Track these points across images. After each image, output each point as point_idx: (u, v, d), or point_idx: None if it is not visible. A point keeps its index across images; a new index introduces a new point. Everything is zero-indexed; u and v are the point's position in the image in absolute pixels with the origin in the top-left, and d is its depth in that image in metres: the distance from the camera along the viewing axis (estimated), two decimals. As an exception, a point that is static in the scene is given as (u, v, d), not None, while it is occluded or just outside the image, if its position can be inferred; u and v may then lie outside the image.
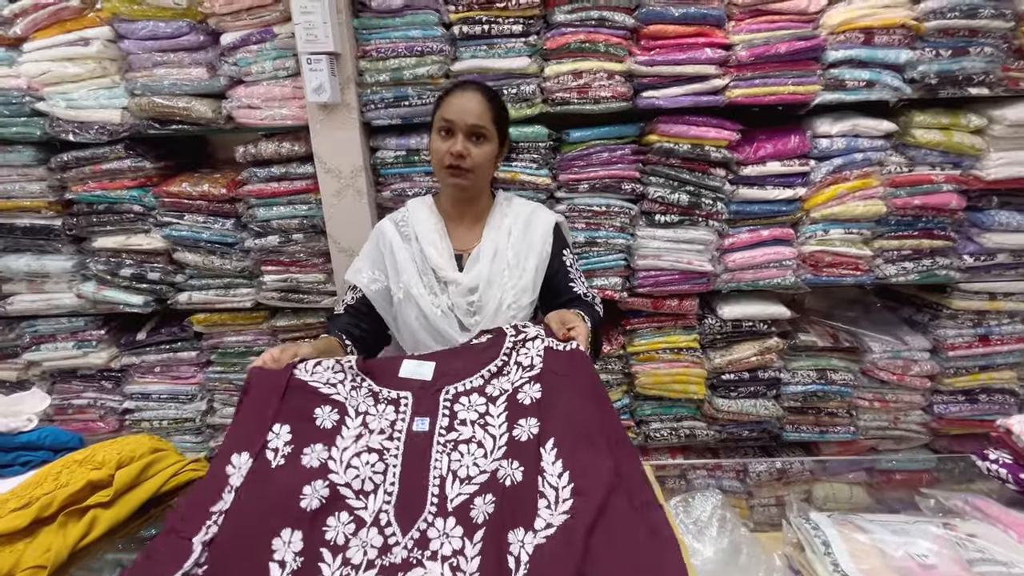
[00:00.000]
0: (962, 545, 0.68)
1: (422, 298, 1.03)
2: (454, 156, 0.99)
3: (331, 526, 0.65)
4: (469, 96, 1.00)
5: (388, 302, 1.08)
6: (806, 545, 0.72)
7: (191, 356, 1.78)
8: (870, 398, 1.76)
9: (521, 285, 1.05)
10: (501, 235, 1.07)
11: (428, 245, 1.06)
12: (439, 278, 1.04)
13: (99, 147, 1.56)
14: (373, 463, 0.71)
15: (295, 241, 1.62)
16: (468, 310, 1.04)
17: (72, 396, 1.81)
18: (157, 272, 1.67)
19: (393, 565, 0.63)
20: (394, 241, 1.08)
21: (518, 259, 1.06)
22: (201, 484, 0.69)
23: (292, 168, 1.57)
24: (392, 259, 1.07)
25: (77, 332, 1.76)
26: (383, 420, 0.76)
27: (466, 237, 1.09)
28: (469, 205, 1.10)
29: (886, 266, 1.63)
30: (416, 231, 1.08)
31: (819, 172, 1.53)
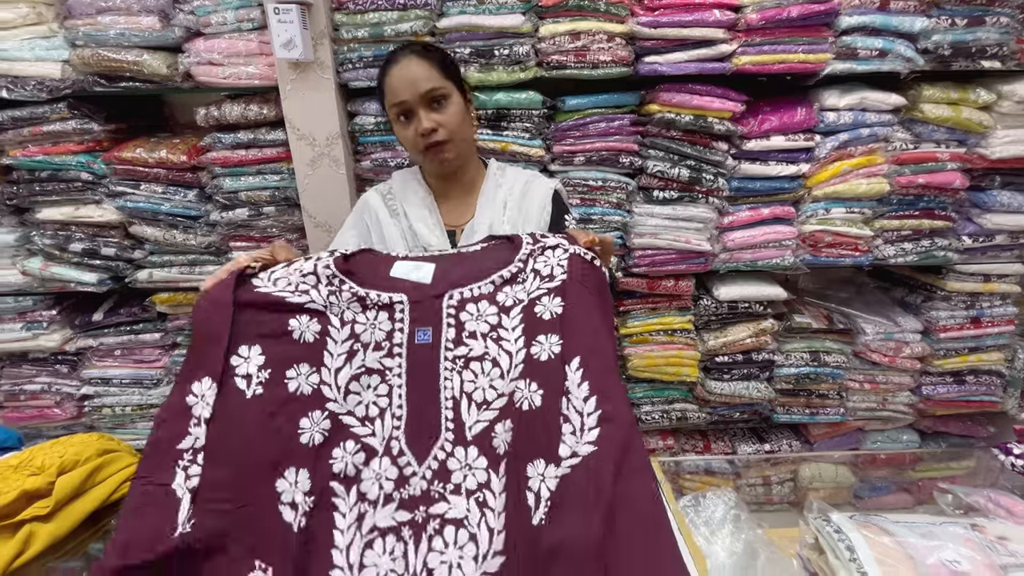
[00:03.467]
0: (993, 549, 0.64)
1: None
2: (426, 135, 0.90)
3: (338, 457, 0.60)
4: (405, 64, 0.89)
5: None
6: (827, 549, 0.67)
7: (155, 338, 1.65)
8: (861, 380, 1.75)
9: None
10: (496, 208, 0.99)
11: (417, 221, 0.98)
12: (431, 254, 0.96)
13: (38, 106, 1.39)
14: (375, 385, 0.63)
15: (266, 215, 1.49)
16: None
17: (24, 381, 1.67)
18: (112, 247, 1.52)
19: (413, 498, 0.58)
20: (381, 214, 1.00)
21: (515, 231, 0.96)
22: (158, 420, 0.58)
23: (261, 134, 1.42)
24: (380, 234, 0.99)
25: (25, 312, 1.61)
26: (376, 331, 0.65)
27: (457, 211, 1.01)
28: (458, 177, 1.01)
29: (885, 247, 1.59)
30: (404, 207, 1.00)
31: (824, 147, 1.46)
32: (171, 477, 0.55)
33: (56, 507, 0.67)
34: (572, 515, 0.52)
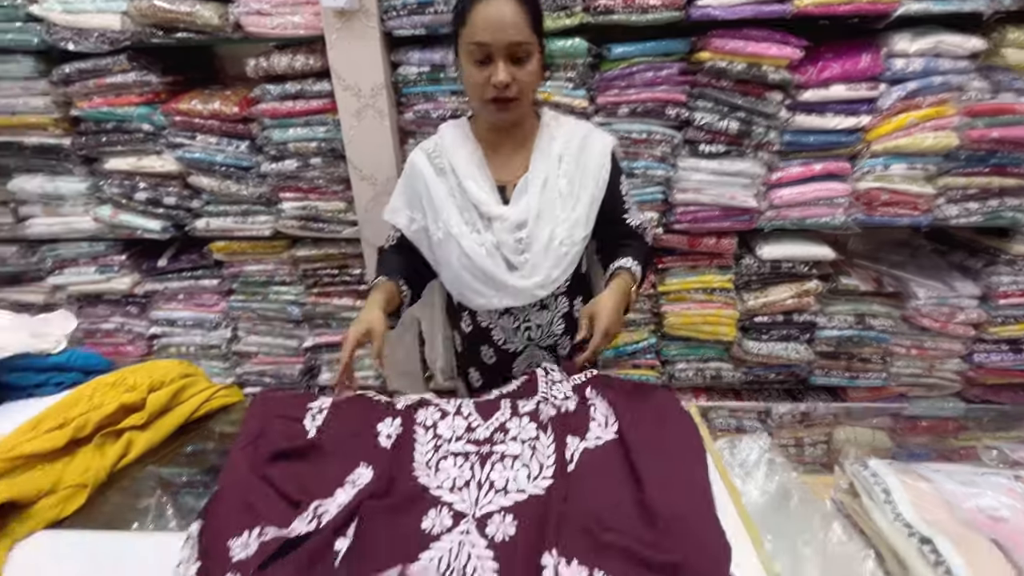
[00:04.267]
0: (1036, 499, 0.64)
1: (464, 237, 0.93)
2: (499, 88, 0.84)
3: (420, 415, 0.76)
4: (498, 5, 0.81)
5: (428, 242, 0.99)
6: (862, 492, 0.69)
7: (213, 284, 1.77)
8: (908, 345, 1.70)
9: (574, 218, 0.94)
10: (551, 162, 0.95)
11: (466, 178, 0.94)
12: (482, 214, 0.93)
13: (101, 58, 1.45)
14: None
15: (313, 166, 1.53)
16: (516, 247, 0.94)
17: (100, 321, 1.83)
18: (173, 196, 1.61)
19: (478, 440, 0.71)
20: (428, 175, 0.96)
21: (572, 188, 0.95)
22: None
23: (308, 85, 1.45)
24: (428, 196, 0.96)
25: (98, 257, 1.74)
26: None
27: (509, 166, 0.97)
28: (512, 130, 0.96)
29: (947, 206, 1.50)
30: (451, 162, 0.96)
31: (889, 97, 1.37)
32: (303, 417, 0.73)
33: (149, 419, 0.75)
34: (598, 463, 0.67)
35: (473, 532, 0.57)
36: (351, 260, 1.70)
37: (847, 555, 0.60)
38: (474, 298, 0.97)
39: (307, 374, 1.89)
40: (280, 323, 1.82)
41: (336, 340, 1.81)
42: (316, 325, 1.81)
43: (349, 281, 1.73)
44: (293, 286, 1.76)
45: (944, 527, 0.60)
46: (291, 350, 1.85)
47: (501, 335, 1.01)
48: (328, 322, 1.80)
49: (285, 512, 0.59)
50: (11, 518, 0.61)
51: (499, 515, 0.58)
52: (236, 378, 1.90)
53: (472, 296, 0.97)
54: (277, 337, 1.84)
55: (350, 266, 1.71)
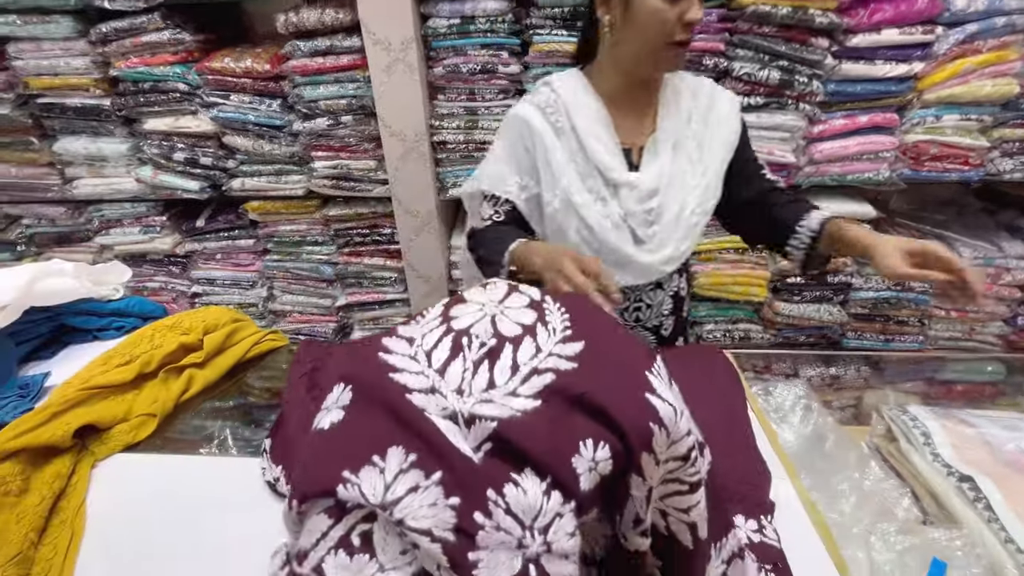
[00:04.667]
0: (1083, 443, 0.63)
1: (587, 207, 0.82)
2: (687, 27, 0.73)
3: None
4: None
5: (539, 213, 0.87)
6: (901, 436, 0.69)
7: (249, 244, 1.82)
8: (947, 307, 1.65)
9: (704, 184, 0.84)
10: (680, 121, 0.84)
11: (591, 138, 0.82)
12: (607, 180, 0.82)
13: (136, 16, 1.46)
14: None
15: (344, 124, 1.54)
16: (645, 219, 0.83)
17: (146, 279, 1.91)
18: (209, 157, 1.64)
19: None
20: (546, 136, 0.83)
21: (701, 151, 0.85)
22: None
23: (338, 40, 1.44)
24: (545, 158, 0.83)
25: (141, 217, 1.80)
26: None
27: (631, 127, 0.85)
28: (639, 86, 0.83)
29: (1002, 160, 1.43)
30: (573, 120, 0.83)
31: (945, 42, 1.29)
32: None
33: (207, 358, 0.80)
34: None
35: None
36: (381, 220, 1.72)
37: (882, 492, 0.60)
38: None
39: (340, 332, 1.95)
40: (313, 282, 1.87)
41: (367, 299, 1.86)
42: (348, 284, 1.86)
43: (380, 240, 1.76)
44: (325, 246, 1.80)
45: (984, 467, 0.60)
46: (324, 309, 1.91)
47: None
48: (360, 281, 1.84)
49: None
50: (92, 440, 0.67)
51: None
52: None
53: None
54: (311, 296, 1.89)
55: (380, 226, 1.74)
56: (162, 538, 0.56)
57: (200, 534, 0.56)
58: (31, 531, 0.54)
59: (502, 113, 1.50)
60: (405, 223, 1.65)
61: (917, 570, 0.51)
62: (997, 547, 0.53)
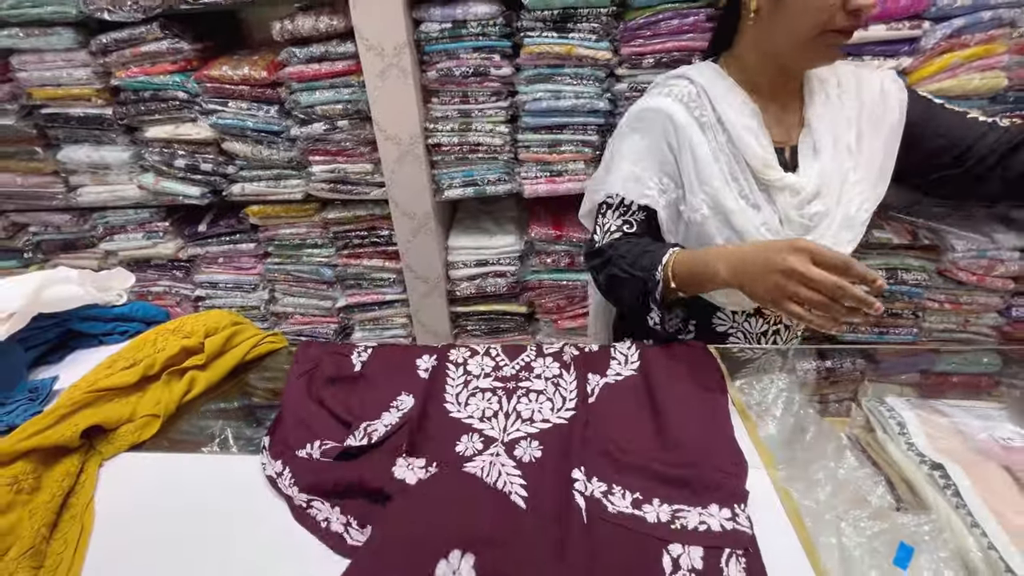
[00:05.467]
0: (1053, 431, 0.65)
1: (740, 214, 0.72)
2: (858, 15, 0.64)
3: (452, 352, 0.79)
4: None
5: (677, 220, 0.78)
6: (877, 426, 0.71)
7: (250, 248, 1.85)
8: (942, 299, 1.67)
9: (873, 177, 0.75)
10: (832, 109, 0.75)
11: (744, 131, 0.73)
12: (762, 183, 0.74)
13: (135, 27, 1.49)
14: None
15: (340, 128, 1.57)
16: (803, 225, 0.74)
17: (149, 284, 1.95)
18: (209, 163, 1.68)
19: (505, 377, 0.75)
20: (693, 132, 0.74)
21: (860, 141, 0.75)
22: None
23: (332, 47, 1.47)
24: (691, 156, 0.74)
25: (144, 223, 1.84)
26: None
27: (782, 123, 0.76)
28: (794, 77, 0.76)
29: (992, 153, 1.43)
30: (722, 113, 0.74)
31: (933, 36, 1.30)
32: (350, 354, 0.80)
33: (208, 360, 0.83)
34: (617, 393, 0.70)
35: (503, 454, 0.62)
36: (379, 222, 1.75)
37: (857, 480, 0.62)
38: (729, 293, 0.76)
39: (342, 333, 1.98)
40: (314, 284, 1.90)
41: (367, 300, 1.89)
42: (348, 286, 1.89)
43: (378, 242, 1.79)
44: (324, 248, 1.83)
45: (956, 455, 0.62)
46: (325, 310, 1.94)
47: (743, 342, 0.84)
48: (359, 283, 1.87)
49: (338, 430, 0.66)
50: (99, 440, 0.70)
51: (525, 440, 0.64)
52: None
53: (726, 291, 0.76)
54: (312, 298, 1.93)
55: (378, 228, 1.76)
56: (167, 531, 0.59)
57: (203, 527, 0.59)
58: (43, 526, 0.57)
59: (495, 115, 1.52)
60: (402, 225, 1.68)
61: (886, 554, 0.53)
62: (963, 532, 0.55)
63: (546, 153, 1.55)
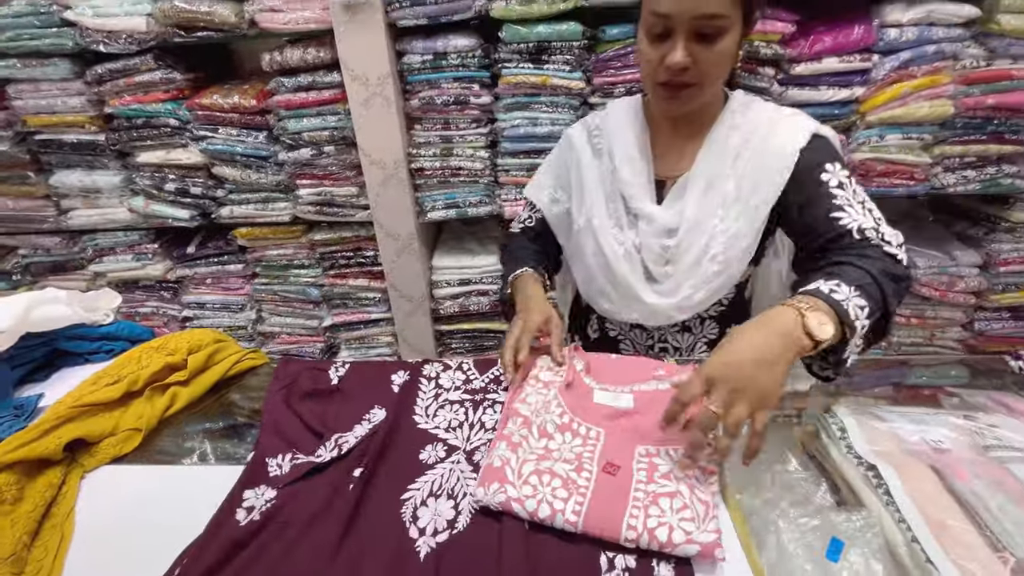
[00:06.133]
0: (979, 433, 0.70)
1: (603, 231, 0.80)
2: (672, 71, 0.68)
3: (426, 367, 0.83)
4: None
5: (567, 227, 0.88)
6: (822, 431, 0.76)
7: (238, 269, 1.89)
8: (907, 315, 1.73)
9: (735, 229, 0.75)
10: (723, 159, 0.76)
11: (623, 163, 0.80)
12: (629, 208, 0.80)
13: (130, 58, 1.56)
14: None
15: (327, 154, 1.63)
16: (660, 255, 0.79)
17: (138, 305, 1.97)
18: (199, 187, 1.73)
19: (473, 391, 0.79)
20: (583, 154, 0.83)
21: (740, 192, 0.76)
22: None
23: (319, 76, 1.54)
24: (578, 176, 0.83)
25: (134, 245, 1.88)
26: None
27: (673, 158, 0.81)
28: (690, 117, 0.79)
29: (945, 175, 1.52)
30: (612, 144, 0.82)
31: (882, 68, 1.39)
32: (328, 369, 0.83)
33: (190, 376, 0.86)
34: None
35: (463, 461, 0.66)
36: (364, 243, 1.80)
37: (800, 482, 0.67)
38: (601, 302, 0.86)
39: (328, 351, 2.01)
40: (300, 304, 1.93)
41: (353, 319, 1.92)
42: (334, 305, 1.93)
43: (363, 262, 1.83)
44: (311, 268, 1.87)
45: (890, 457, 0.67)
46: (311, 330, 1.97)
47: (631, 350, 0.91)
48: (345, 302, 1.91)
49: (312, 441, 0.70)
50: (81, 453, 0.73)
51: (485, 447, 0.67)
52: (262, 356, 2.03)
53: (599, 299, 0.86)
54: (298, 318, 1.96)
55: (364, 248, 1.81)
56: (145, 541, 0.62)
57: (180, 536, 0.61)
58: (24, 534, 0.59)
59: (476, 140, 1.59)
60: (387, 246, 1.73)
61: (820, 548, 0.57)
62: (892, 527, 0.59)
63: (524, 176, 1.62)
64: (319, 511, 0.59)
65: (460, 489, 0.61)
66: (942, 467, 0.65)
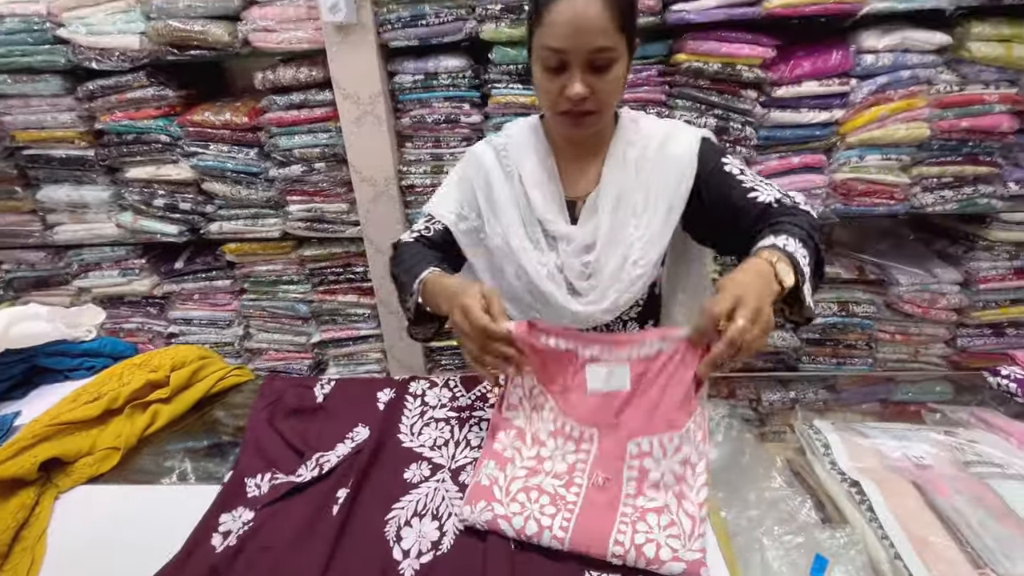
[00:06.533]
0: (960, 449, 0.71)
1: (525, 253, 0.82)
2: (573, 102, 0.72)
3: (412, 384, 0.84)
4: (583, 5, 0.67)
5: (477, 244, 0.89)
6: (807, 448, 0.77)
7: (226, 284, 1.88)
8: (892, 331, 1.76)
9: (649, 235, 0.81)
10: (626, 174, 0.81)
11: (533, 188, 0.83)
12: (546, 231, 0.83)
13: (122, 75, 1.57)
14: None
15: (317, 170, 1.64)
16: (582, 272, 0.83)
17: (122, 320, 1.95)
18: (188, 202, 1.72)
19: (459, 408, 0.79)
20: (494, 175, 0.85)
21: (648, 200, 0.81)
22: None
23: (311, 95, 1.55)
24: (489, 197, 0.85)
25: (120, 260, 1.86)
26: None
27: (580, 178, 0.85)
28: (588, 136, 0.82)
29: (923, 194, 1.56)
30: (519, 168, 0.84)
31: (860, 92, 1.44)
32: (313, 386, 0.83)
33: (172, 394, 0.85)
34: None
35: (448, 480, 0.65)
36: (354, 259, 1.80)
37: (787, 499, 0.67)
38: (530, 314, 0.87)
39: (316, 368, 1.99)
40: (289, 320, 1.92)
41: (341, 336, 1.91)
42: (323, 321, 1.91)
43: (353, 279, 1.83)
44: (300, 284, 1.86)
45: (872, 473, 0.67)
46: (299, 346, 1.95)
47: None
48: (334, 318, 1.90)
49: (292, 460, 0.69)
50: (57, 473, 0.71)
51: (471, 465, 0.67)
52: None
53: (525, 311, 0.87)
54: (286, 334, 1.94)
55: (353, 264, 1.81)
56: (119, 563, 0.60)
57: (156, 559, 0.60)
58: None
59: (466, 158, 1.61)
60: (377, 262, 1.73)
61: (804, 566, 0.57)
62: (876, 544, 0.59)
63: (514, 194, 1.63)
64: (301, 534, 0.58)
65: (445, 509, 0.61)
66: (924, 483, 0.65)
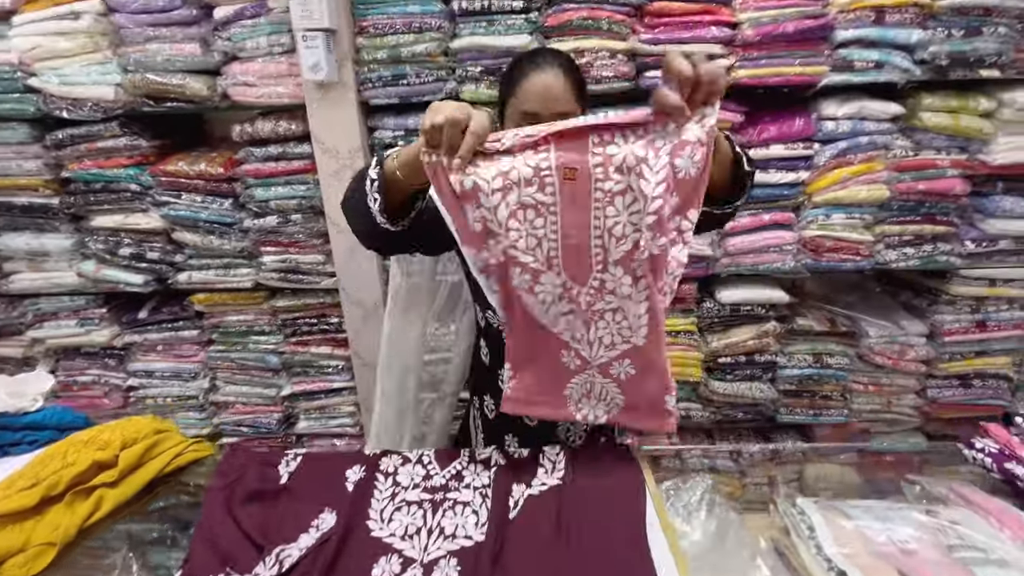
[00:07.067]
0: (943, 531, 0.70)
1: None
2: None
3: (384, 460, 0.79)
4: (553, 77, 0.82)
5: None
6: (791, 529, 0.74)
7: (193, 335, 1.80)
8: (865, 382, 1.78)
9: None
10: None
11: None
12: None
13: (94, 124, 1.54)
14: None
15: (294, 222, 1.61)
16: None
17: (77, 373, 1.84)
18: (156, 252, 1.67)
19: (433, 488, 0.75)
20: None
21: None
22: None
23: (290, 148, 1.55)
24: None
25: (79, 310, 1.77)
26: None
27: None
28: None
29: (887, 251, 1.62)
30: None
31: (823, 155, 1.51)
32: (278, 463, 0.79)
33: (120, 476, 0.78)
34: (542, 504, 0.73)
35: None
36: (329, 310, 1.76)
37: (772, 588, 0.64)
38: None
39: (285, 423, 1.90)
40: (258, 372, 1.84)
41: (314, 388, 1.84)
42: (294, 373, 1.84)
43: (327, 330, 1.78)
44: (272, 335, 1.80)
45: (857, 560, 0.65)
46: (269, 399, 1.87)
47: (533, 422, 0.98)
48: (306, 370, 1.83)
49: (251, 556, 0.63)
50: (-21, 578, 0.64)
51: (444, 560, 0.63)
52: (213, 428, 1.90)
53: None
54: (255, 386, 1.86)
55: (328, 315, 1.76)
56: None
57: None
58: None
59: (445, 212, 1.61)
60: (352, 313, 1.69)
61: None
62: (865, 642, 0.57)
63: (493, 247, 1.64)
64: None
65: None
66: (909, 571, 0.64)
